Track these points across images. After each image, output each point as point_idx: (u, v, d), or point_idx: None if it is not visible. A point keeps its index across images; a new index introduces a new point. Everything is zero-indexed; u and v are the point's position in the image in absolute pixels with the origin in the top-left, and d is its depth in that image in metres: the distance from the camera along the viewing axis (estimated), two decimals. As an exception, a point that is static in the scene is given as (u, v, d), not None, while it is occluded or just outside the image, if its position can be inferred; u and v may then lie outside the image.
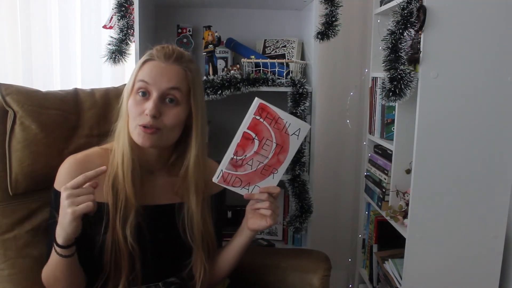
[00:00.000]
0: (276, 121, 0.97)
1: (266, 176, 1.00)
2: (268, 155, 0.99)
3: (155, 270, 1.01)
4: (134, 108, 0.95)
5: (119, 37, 1.59)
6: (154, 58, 0.97)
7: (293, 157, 1.00)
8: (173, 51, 0.98)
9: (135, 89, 0.96)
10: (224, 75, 1.58)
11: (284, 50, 1.77)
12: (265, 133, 0.97)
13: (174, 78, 0.96)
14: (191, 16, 1.85)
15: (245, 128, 0.96)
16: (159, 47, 0.99)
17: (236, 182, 1.00)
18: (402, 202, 1.50)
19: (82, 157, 0.98)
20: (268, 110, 0.96)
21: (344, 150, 2.18)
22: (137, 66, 0.98)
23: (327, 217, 2.20)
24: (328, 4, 1.54)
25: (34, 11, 1.79)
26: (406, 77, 1.31)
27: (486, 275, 1.43)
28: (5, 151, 1.06)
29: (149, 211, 0.99)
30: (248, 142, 0.97)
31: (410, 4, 1.31)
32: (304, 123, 0.99)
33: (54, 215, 0.92)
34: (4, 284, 1.04)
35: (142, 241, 0.97)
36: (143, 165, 1.01)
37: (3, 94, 1.06)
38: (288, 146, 0.99)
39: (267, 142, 0.98)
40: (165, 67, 0.96)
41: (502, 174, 1.39)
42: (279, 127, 0.97)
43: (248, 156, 0.98)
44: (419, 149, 1.36)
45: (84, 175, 0.86)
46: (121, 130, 0.98)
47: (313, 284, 1.25)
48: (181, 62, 0.98)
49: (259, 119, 0.96)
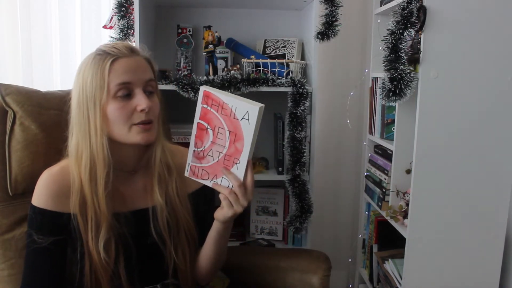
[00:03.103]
0: (222, 107, 0.91)
1: (230, 167, 0.94)
2: (225, 144, 0.93)
3: (140, 276, 0.99)
4: (120, 112, 0.91)
5: (119, 37, 1.60)
6: (119, 55, 0.91)
7: (252, 143, 0.91)
8: (129, 44, 0.96)
9: (113, 93, 0.90)
10: (224, 75, 1.58)
11: (284, 50, 1.77)
12: (215, 121, 0.93)
13: (147, 69, 0.96)
14: (191, 16, 1.85)
15: (197, 119, 0.94)
16: (108, 45, 0.94)
17: (204, 174, 0.97)
18: (402, 202, 1.50)
19: (58, 170, 0.95)
20: (212, 97, 0.91)
21: (344, 150, 2.18)
22: (103, 70, 0.90)
23: (327, 217, 2.20)
24: (328, 4, 1.54)
25: (34, 11, 1.79)
26: (406, 77, 1.31)
27: (486, 275, 1.43)
28: (5, 151, 1.06)
29: (131, 217, 0.98)
30: (203, 132, 0.94)
31: (410, 4, 1.30)
32: (252, 105, 0.89)
33: (32, 236, 0.91)
34: (4, 284, 1.04)
35: (126, 249, 0.95)
36: (123, 168, 1.00)
37: (3, 94, 1.06)
38: (241, 132, 0.91)
39: (220, 130, 0.93)
40: (135, 60, 0.93)
41: (502, 174, 1.39)
42: (226, 113, 0.91)
43: (207, 147, 0.95)
44: (419, 149, 1.36)
45: None
46: (84, 146, 0.93)
47: (313, 284, 1.25)
48: (141, 53, 0.97)
49: (206, 107, 0.93)
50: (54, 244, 0.92)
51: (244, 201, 0.94)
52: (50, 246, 0.91)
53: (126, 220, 0.96)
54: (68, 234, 0.93)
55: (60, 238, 0.92)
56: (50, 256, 0.92)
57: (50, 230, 0.92)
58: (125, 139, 0.94)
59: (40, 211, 0.92)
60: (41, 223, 0.92)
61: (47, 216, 0.92)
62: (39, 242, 0.90)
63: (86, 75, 0.92)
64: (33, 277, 0.92)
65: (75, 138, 0.94)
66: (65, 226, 0.92)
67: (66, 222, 0.92)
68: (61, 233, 0.93)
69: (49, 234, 0.91)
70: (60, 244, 0.93)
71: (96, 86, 0.90)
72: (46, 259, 0.92)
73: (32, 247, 0.91)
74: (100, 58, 0.91)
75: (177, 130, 1.69)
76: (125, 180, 1.01)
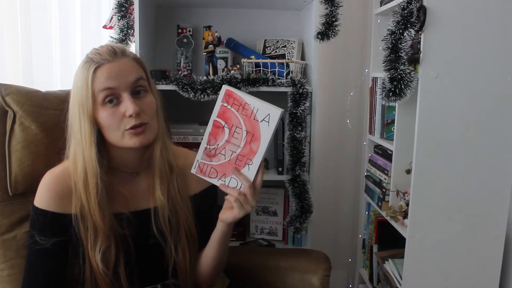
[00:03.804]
0: (243, 107, 0.92)
1: (241, 167, 0.96)
2: (240, 144, 0.94)
3: (141, 276, 0.99)
4: (111, 119, 0.91)
5: (119, 37, 1.60)
6: (101, 62, 0.90)
7: (268, 146, 0.93)
8: (112, 48, 0.93)
9: (100, 100, 0.90)
10: (224, 75, 1.58)
11: (284, 50, 1.77)
12: (234, 120, 0.94)
13: (132, 70, 0.93)
14: (191, 16, 1.85)
15: (214, 117, 0.94)
16: (93, 51, 0.93)
17: (212, 172, 0.97)
18: (402, 202, 1.50)
19: (60, 171, 0.95)
20: (234, 96, 0.93)
21: (344, 150, 2.18)
22: (86, 80, 0.89)
23: (327, 217, 2.20)
24: (328, 4, 1.54)
25: (34, 11, 1.78)
26: (406, 77, 1.31)
27: (486, 275, 1.43)
28: (5, 151, 1.06)
29: (133, 218, 0.98)
30: (219, 130, 0.95)
31: (410, 4, 1.30)
32: (274, 108, 0.92)
33: (34, 237, 0.91)
34: (4, 284, 1.04)
35: (126, 249, 0.96)
36: (126, 170, 1.00)
37: (3, 94, 1.06)
38: (260, 133, 0.93)
39: (237, 130, 0.94)
40: (118, 64, 0.91)
41: (502, 174, 1.39)
42: (247, 113, 0.93)
43: (220, 145, 0.95)
44: (419, 149, 1.36)
45: None
46: (78, 154, 0.93)
47: (313, 284, 1.25)
48: (126, 54, 0.95)
49: (226, 106, 0.93)
50: (56, 245, 0.92)
51: (253, 201, 0.95)
52: (52, 247, 0.91)
53: (128, 221, 0.96)
54: (70, 235, 0.93)
55: (62, 239, 0.93)
56: (52, 257, 0.92)
57: (52, 231, 0.92)
58: (121, 144, 0.94)
59: (43, 213, 0.92)
60: (44, 224, 0.92)
61: (49, 217, 0.92)
62: (42, 243, 0.91)
63: (76, 83, 0.93)
64: (34, 278, 0.93)
65: (73, 145, 0.95)
66: (67, 227, 0.93)
67: (68, 223, 0.93)
68: (63, 234, 0.93)
69: (51, 235, 0.91)
70: (62, 245, 0.93)
71: (83, 96, 0.90)
72: (48, 260, 0.92)
73: (34, 248, 0.91)
74: (85, 66, 0.91)
75: (177, 130, 1.69)
76: (127, 181, 1.01)
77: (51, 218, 0.92)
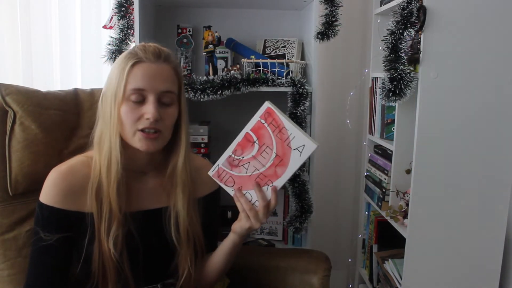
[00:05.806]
0: (280, 130, 0.92)
1: (260, 186, 0.96)
2: (266, 164, 0.95)
3: (146, 274, 1.00)
4: (130, 115, 0.92)
5: (119, 37, 1.59)
6: (143, 60, 0.92)
7: (293, 174, 0.94)
8: (159, 50, 0.95)
9: (127, 96, 0.92)
10: (224, 75, 1.57)
11: (284, 50, 1.77)
12: (266, 139, 0.94)
13: (168, 79, 0.94)
14: (191, 16, 1.85)
15: (248, 129, 0.94)
16: (140, 46, 0.95)
17: (229, 181, 0.98)
18: (402, 202, 1.50)
19: (67, 168, 0.95)
20: (274, 117, 0.92)
21: (344, 150, 2.18)
22: (123, 70, 0.92)
23: (327, 217, 2.20)
24: (328, 4, 1.54)
25: (34, 11, 1.78)
26: (406, 77, 1.31)
27: (486, 275, 1.43)
28: (5, 151, 1.06)
29: (139, 217, 0.98)
30: (248, 144, 0.95)
31: (410, 4, 1.31)
32: (311, 141, 0.92)
33: (39, 233, 0.92)
34: (4, 284, 1.04)
35: (133, 247, 0.96)
36: (134, 168, 1.01)
37: (3, 94, 1.06)
38: (288, 160, 0.93)
39: (267, 149, 0.94)
40: (157, 68, 0.93)
41: (502, 174, 1.39)
42: (282, 137, 0.92)
43: (245, 158, 0.95)
44: (419, 149, 1.36)
45: None
46: (105, 137, 0.94)
47: (313, 284, 1.25)
48: (170, 61, 0.96)
49: (263, 123, 0.93)
50: (60, 241, 0.92)
51: (263, 219, 0.97)
52: (56, 243, 0.92)
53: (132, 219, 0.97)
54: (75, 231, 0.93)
55: (66, 235, 0.93)
56: (56, 254, 0.93)
57: (57, 227, 0.92)
58: (130, 142, 0.95)
59: (48, 208, 0.92)
60: (48, 220, 0.92)
61: (54, 213, 0.92)
62: (46, 239, 0.91)
63: (113, 71, 0.95)
64: (38, 275, 0.93)
65: (99, 128, 0.97)
66: (72, 224, 0.93)
67: (73, 220, 0.93)
68: (68, 230, 0.93)
69: (56, 231, 0.92)
70: (66, 241, 0.93)
71: (116, 85, 0.92)
72: (52, 257, 0.92)
73: (39, 245, 0.91)
74: (126, 57, 0.93)
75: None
76: (134, 180, 1.01)
77: (57, 214, 0.92)
